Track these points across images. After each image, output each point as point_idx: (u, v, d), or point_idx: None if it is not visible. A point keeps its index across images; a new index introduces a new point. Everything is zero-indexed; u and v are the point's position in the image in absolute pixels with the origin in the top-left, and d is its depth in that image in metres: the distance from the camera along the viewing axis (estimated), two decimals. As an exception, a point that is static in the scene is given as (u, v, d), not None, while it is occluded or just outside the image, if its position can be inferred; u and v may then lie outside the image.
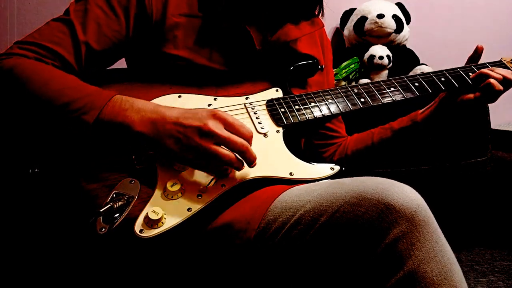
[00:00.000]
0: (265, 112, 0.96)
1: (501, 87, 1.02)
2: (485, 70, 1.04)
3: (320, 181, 0.86)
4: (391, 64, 1.69)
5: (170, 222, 0.77)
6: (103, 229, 0.75)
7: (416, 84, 1.05)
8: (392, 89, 1.03)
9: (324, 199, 0.73)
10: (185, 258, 0.78)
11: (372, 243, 0.66)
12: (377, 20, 1.70)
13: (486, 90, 1.02)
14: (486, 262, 1.32)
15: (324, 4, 1.12)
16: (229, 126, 0.80)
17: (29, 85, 0.81)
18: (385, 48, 1.71)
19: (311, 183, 0.83)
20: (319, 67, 1.06)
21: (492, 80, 1.01)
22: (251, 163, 0.81)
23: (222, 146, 0.79)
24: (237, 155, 0.80)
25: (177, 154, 0.79)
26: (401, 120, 1.14)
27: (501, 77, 1.02)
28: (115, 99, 0.81)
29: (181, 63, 0.96)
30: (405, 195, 0.68)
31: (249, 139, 0.82)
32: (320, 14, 1.13)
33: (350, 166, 1.17)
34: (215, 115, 0.79)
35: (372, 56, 1.68)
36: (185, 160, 0.80)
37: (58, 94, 0.80)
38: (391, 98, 1.01)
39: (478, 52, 1.10)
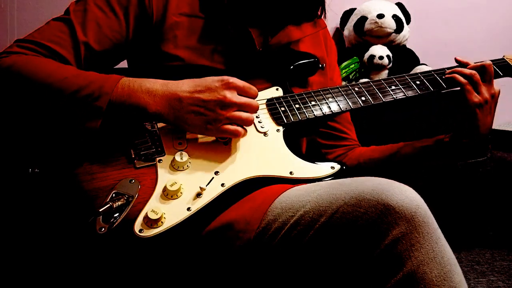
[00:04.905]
0: (265, 111, 0.95)
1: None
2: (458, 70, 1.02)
3: (320, 181, 0.86)
4: (391, 64, 1.69)
5: (169, 221, 0.77)
6: (103, 229, 0.75)
7: (418, 82, 1.04)
8: (393, 87, 1.02)
9: (324, 199, 0.73)
10: (185, 258, 0.78)
11: (371, 244, 0.66)
12: (377, 20, 1.70)
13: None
14: (486, 262, 1.31)
15: (326, 5, 1.11)
16: (241, 91, 0.86)
17: (32, 80, 0.81)
18: (385, 48, 1.70)
19: (311, 183, 0.83)
20: (320, 65, 1.05)
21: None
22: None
23: (241, 110, 0.85)
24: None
25: (203, 126, 0.83)
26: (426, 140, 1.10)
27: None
28: (123, 81, 0.82)
29: (181, 63, 0.96)
30: (404, 195, 0.68)
31: (256, 96, 0.89)
32: (323, 16, 1.12)
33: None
34: (228, 85, 0.84)
35: (372, 56, 1.67)
36: (212, 131, 0.84)
37: (64, 84, 0.80)
38: (392, 97, 1.01)
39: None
